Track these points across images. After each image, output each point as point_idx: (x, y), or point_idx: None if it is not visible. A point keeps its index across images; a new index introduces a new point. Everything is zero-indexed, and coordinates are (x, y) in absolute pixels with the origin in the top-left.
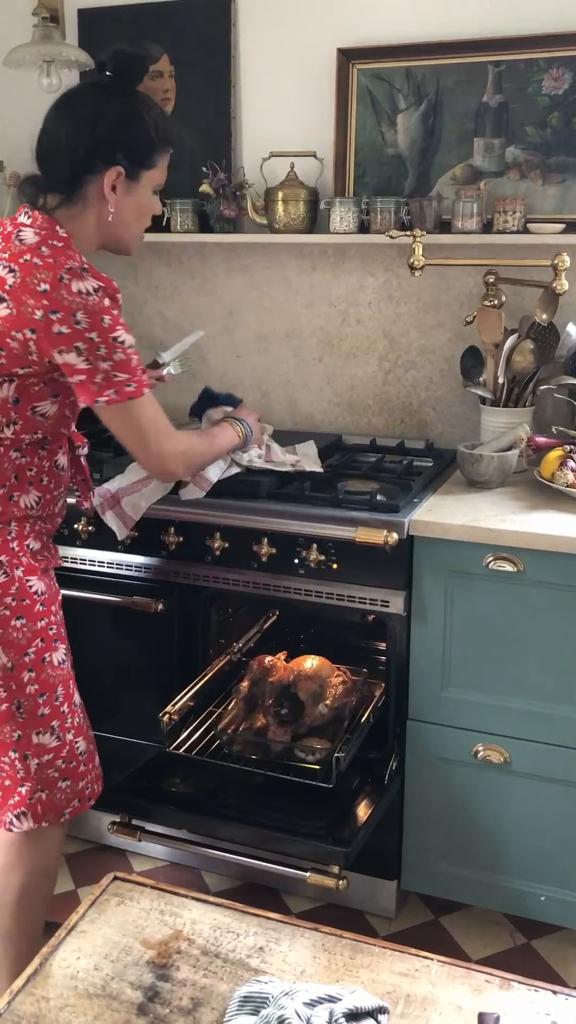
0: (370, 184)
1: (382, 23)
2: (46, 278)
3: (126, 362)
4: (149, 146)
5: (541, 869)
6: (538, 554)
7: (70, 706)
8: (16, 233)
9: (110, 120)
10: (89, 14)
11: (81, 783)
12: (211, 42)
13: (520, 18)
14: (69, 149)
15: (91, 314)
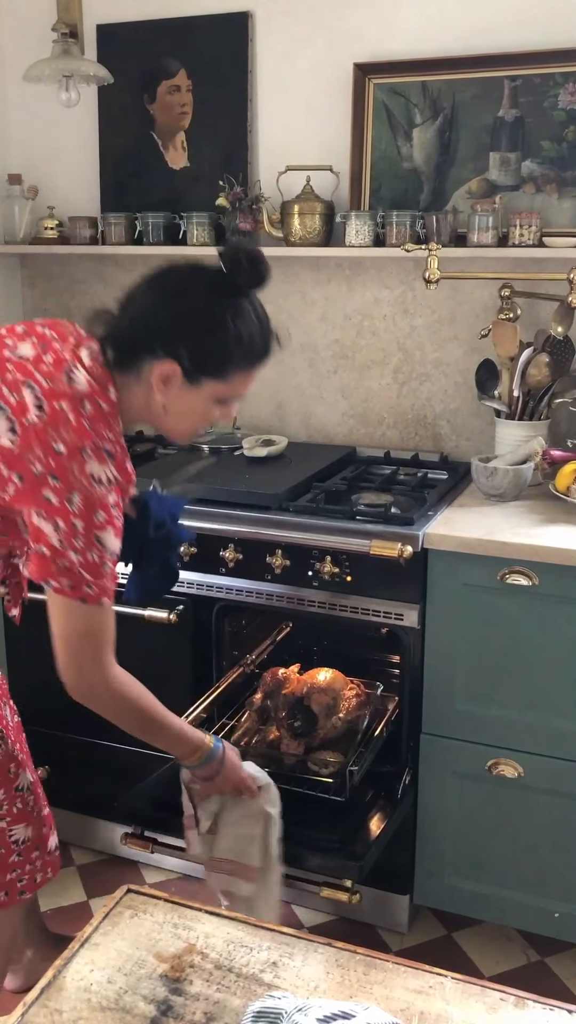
0: (386, 198)
1: (398, 38)
2: (68, 440)
3: (97, 566)
4: (223, 358)
5: (555, 885)
6: (553, 568)
7: (9, 793)
8: (70, 366)
9: (188, 312)
10: (108, 29)
11: (10, 875)
12: (229, 57)
13: (536, 33)
14: (136, 318)
15: (88, 503)
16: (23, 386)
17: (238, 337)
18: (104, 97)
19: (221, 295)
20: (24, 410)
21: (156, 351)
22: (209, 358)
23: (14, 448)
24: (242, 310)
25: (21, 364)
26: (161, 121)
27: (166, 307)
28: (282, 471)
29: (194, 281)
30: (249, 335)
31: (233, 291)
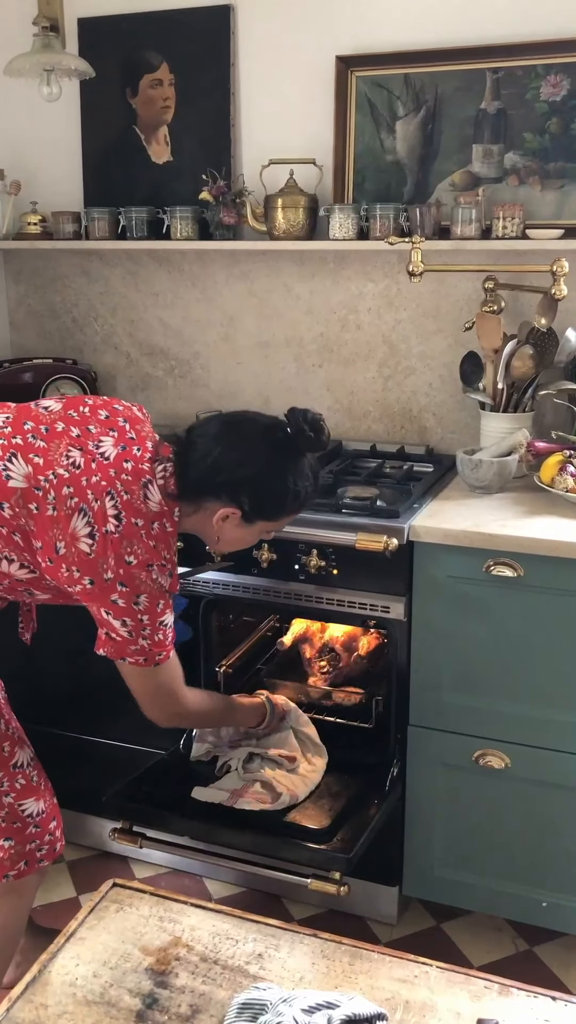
0: (369, 191)
1: (381, 31)
2: (139, 555)
3: (163, 641)
4: (278, 507)
5: (542, 875)
6: (538, 559)
7: (6, 771)
8: (147, 481)
9: (255, 471)
10: (89, 23)
11: (30, 844)
12: (211, 51)
13: (518, 25)
14: (208, 468)
15: (152, 599)
16: (105, 494)
17: (296, 493)
18: (86, 91)
19: (285, 454)
20: (104, 519)
21: (222, 496)
22: (268, 507)
23: (91, 554)
24: (302, 469)
25: (105, 468)
26: (144, 115)
27: (234, 463)
28: None
29: (263, 439)
30: (305, 489)
31: (295, 452)
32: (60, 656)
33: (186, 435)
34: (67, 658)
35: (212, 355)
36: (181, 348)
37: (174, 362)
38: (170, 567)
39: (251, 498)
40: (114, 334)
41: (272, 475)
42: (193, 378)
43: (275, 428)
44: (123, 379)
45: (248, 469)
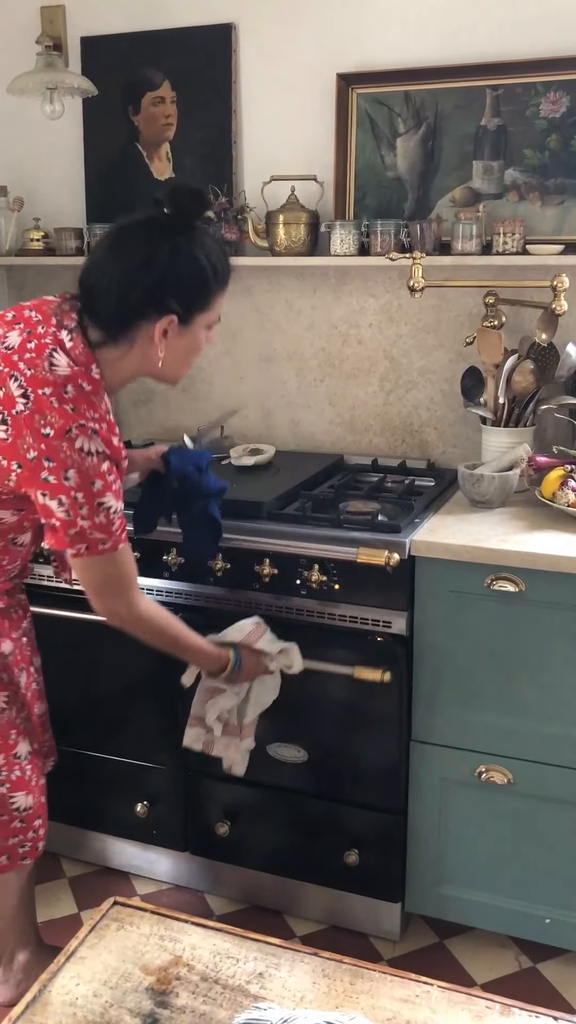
0: (370, 207)
1: (381, 48)
2: (54, 424)
3: (106, 525)
4: (205, 291)
5: (545, 891)
6: (540, 574)
7: (7, 758)
8: (51, 352)
9: (164, 265)
10: (92, 42)
11: (12, 839)
12: (212, 68)
13: (516, 43)
14: (119, 294)
15: (83, 475)
16: (9, 378)
17: (211, 265)
18: (89, 109)
19: (180, 234)
20: (11, 402)
21: (149, 312)
22: (196, 296)
23: (8, 439)
24: (204, 242)
25: (7, 356)
26: (146, 132)
27: (140, 271)
28: (270, 480)
29: (151, 234)
30: (218, 260)
31: (187, 227)
32: (62, 673)
33: (79, 285)
34: (69, 675)
35: (214, 370)
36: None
37: None
38: (94, 425)
39: (176, 295)
40: None
41: (182, 261)
42: (195, 392)
43: (155, 217)
44: (125, 393)
45: (156, 268)
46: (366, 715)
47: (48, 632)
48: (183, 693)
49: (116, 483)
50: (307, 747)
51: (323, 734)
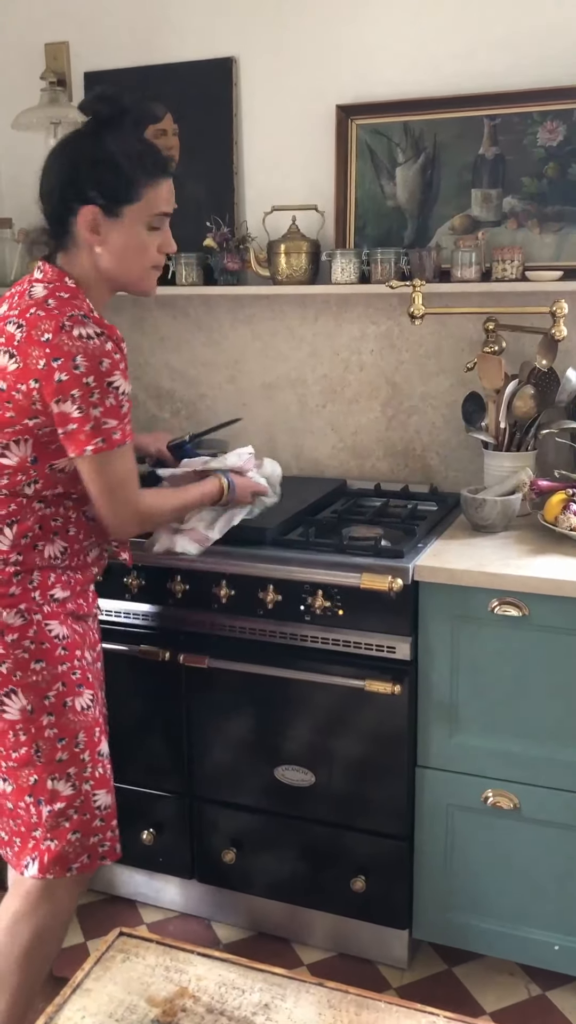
0: (370, 236)
1: (379, 80)
2: (48, 327)
3: (116, 408)
4: (126, 180)
5: (553, 917)
6: (543, 598)
7: (92, 755)
8: (29, 289)
9: (80, 160)
10: (95, 77)
11: (93, 838)
12: (214, 101)
13: (513, 74)
14: (47, 194)
15: (90, 357)
16: (6, 324)
17: (127, 155)
18: None
19: (97, 135)
20: (12, 338)
21: (73, 207)
22: (115, 184)
23: (20, 365)
24: (120, 135)
25: (4, 317)
26: None
27: (65, 170)
28: (273, 505)
29: (71, 138)
30: (136, 151)
31: (106, 127)
32: None
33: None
34: None
35: (218, 396)
36: (187, 390)
37: (180, 404)
38: (82, 314)
39: (95, 185)
40: None
41: (96, 153)
42: (199, 420)
43: (85, 124)
44: None
45: (71, 162)
46: (372, 739)
47: None
48: (186, 721)
49: (122, 362)
50: (314, 770)
51: (330, 757)
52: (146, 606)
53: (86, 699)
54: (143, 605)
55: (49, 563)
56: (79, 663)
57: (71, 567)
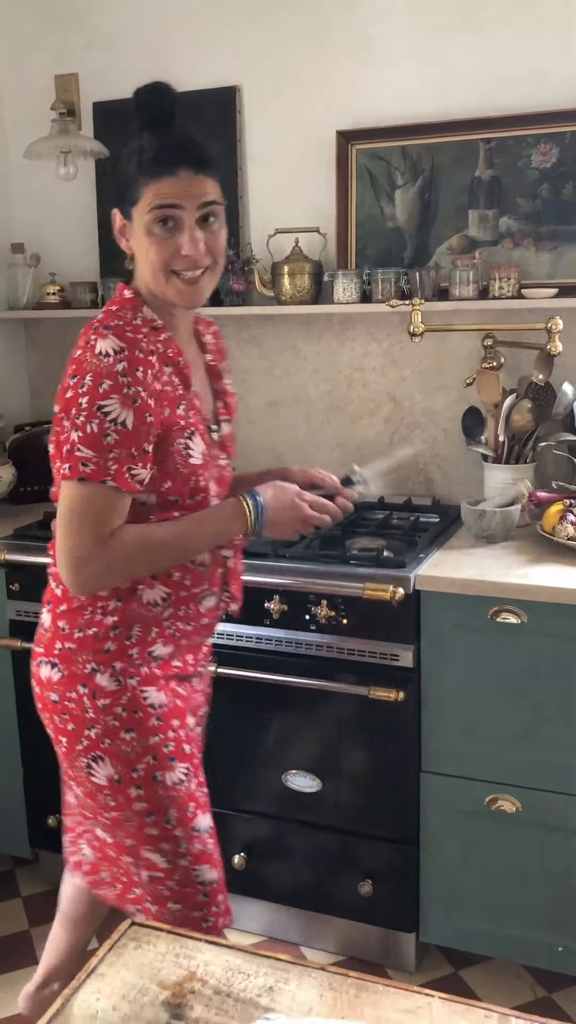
0: (371, 256)
1: (378, 106)
2: (81, 342)
3: (97, 437)
4: (129, 180)
5: (557, 919)
6: (542, 606)
7: (186, 831)
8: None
9: (113, 162)
10: (104, 106)
11: (195, 912)
12: (219, 128)
13: (507, 99)
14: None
15: (96, 376)
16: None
17: (130, 154)
18: (101, 169)
19: (130, 138)
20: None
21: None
22: (124, 186)
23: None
24: (140, 135)
25: None
26: None
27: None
28: None
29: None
30: (139, 148)
31: (135, 128)
32: None
33: None
34: None
35: None
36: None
37: None
38: (110, 323)
39: (115, 189)
40: None
41: (116, 155)
42: None
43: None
44: None
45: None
46: (378, 746)
47: None
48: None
49: (131, 388)
50: (321, 776)
51: (336, 764)
52: None
53: (179, 774)
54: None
55: (150, 611)
56: (174, 734)
57: (177, 617)
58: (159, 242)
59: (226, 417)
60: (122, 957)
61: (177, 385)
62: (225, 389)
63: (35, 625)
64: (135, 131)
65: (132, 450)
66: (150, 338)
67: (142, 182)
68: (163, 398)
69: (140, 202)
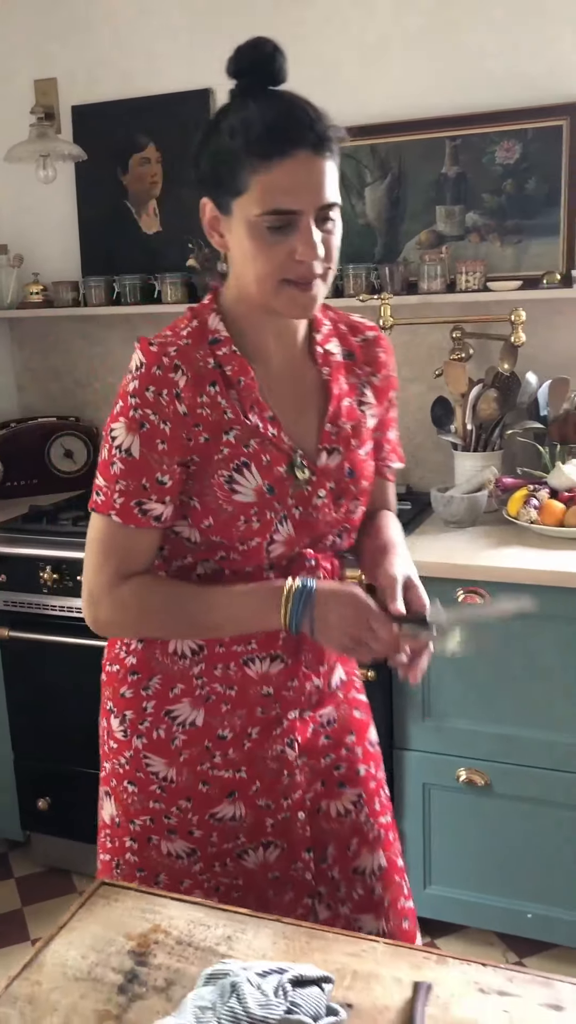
0: (343, 252)
1: (347, 106)
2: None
3: (105, 464)
4: (229, 163)
5: (526, 887)
6: (505, 586)
7: (345, 874)
8: None
9: (200, 138)
10: (82, 110)
11: None
12: (193, 130)
13: (472, 98)
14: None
15: (117, 396)
16: None
17: (231, 130)
18: (81, 171)
19: (227, 105)
20: None
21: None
22: (221, 171)
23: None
24: (243, 103)
25: None
26: (134, 191)
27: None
28: None
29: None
30: (242, 122)
31: (235, 95)
32: (68, 696)
33: None
34: (75, 699)
35: None
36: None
37: None
38: (166, 336)
39: (200, 169)
40: (113, 393)
41: (205, 130)
42: None
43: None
44: None
45: (197, 145)
46: None
47: (67, 659)
48: None
49: (138, 409)
50: None
51: None
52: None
53: (178, 848)
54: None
55: (175, 663)
56: (178, 811)
57: (213, 677)
58: (268, 247)
59: (333, 446)
60: (92, 913)
61: (226, 408)
62: (341, 410)
63: (23, 615)
64: (234, 99)
65: (142, 481)
66: (200, 352)
67: (248, 167)
68: (195, 422)
69: (245, 195)
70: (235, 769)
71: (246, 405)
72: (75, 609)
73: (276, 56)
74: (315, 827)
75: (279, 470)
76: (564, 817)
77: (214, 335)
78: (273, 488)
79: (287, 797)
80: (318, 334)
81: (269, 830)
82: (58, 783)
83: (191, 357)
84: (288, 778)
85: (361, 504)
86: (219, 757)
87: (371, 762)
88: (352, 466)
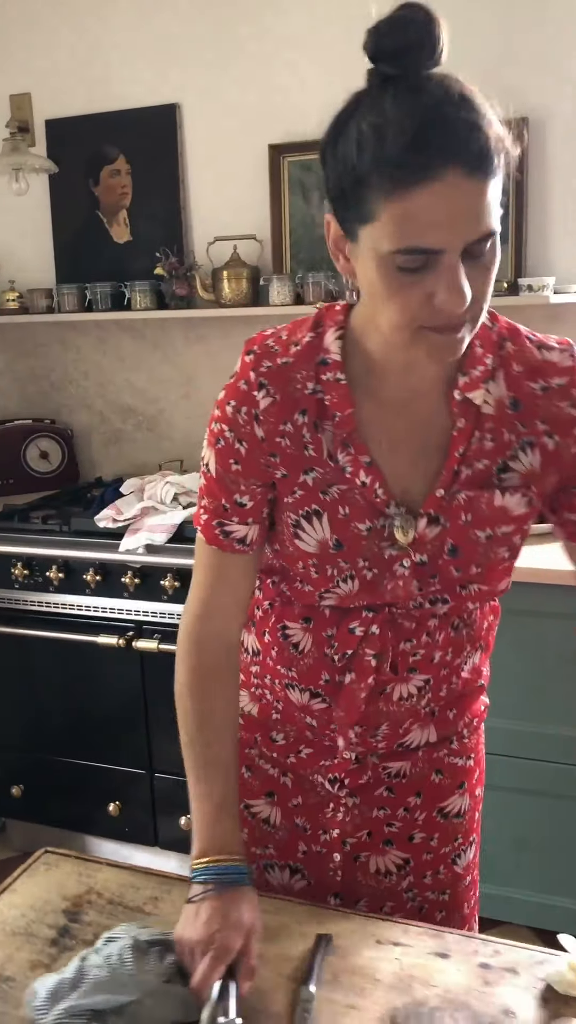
0: (305, 260)
1: (306, 121)
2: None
3: (202, 483)
4: (357, 179)
5: (507, 874)
6: None
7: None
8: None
9: (323, 145)
10: (55, 123)
11: None
12: (161, 143)
13: None
14: None
15: (213, 434)
16: None
17: (360, 138)
18: (54, 183)
19: (356, 97)
20: None
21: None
22: (345, 190)
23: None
24: (379, 99)
25: None
26: (105, 201)
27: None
28: None
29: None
30: (376, 128)
31: (374, 85)
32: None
33: None
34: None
35: (175, 411)
36: (147, 406)
37: (141, 418)
38: (266, 343)
39: (329, 190)
40: (87, 395)
41: (333, 135)
42: (159, 432)
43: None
44: (97, 435)
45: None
46: None
47: (38, 652)
48: (153, 706)
49: (225, 424)
50: None
51: None
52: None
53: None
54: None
55: (242, 654)
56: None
57: (263, 684)
58: (403, 288)
59: (437, 514)
60: (34, 877)
61: (309, 442)
62: (462, 475)
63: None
64: (370, 89)
65: (222, 500)
66: (302, 373)
67: (379, 190)
68: (271, 451)
69: (375, 223)
70: (281, 771)
71: (336, 443)
72: (47, 604)
73: (431, 29)
74: (350, 875)
75: (358, 527)
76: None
77: (325, 355)
78: (342, 544)
79: (326, 831)
80: (464, 376)
81: (300, 855)
82: (33, 771)
83: (286, 377)
84: (332, 812)
85: (471, 594)
86: (268, 750)
87: (435, 833)
88: (457, 544)
